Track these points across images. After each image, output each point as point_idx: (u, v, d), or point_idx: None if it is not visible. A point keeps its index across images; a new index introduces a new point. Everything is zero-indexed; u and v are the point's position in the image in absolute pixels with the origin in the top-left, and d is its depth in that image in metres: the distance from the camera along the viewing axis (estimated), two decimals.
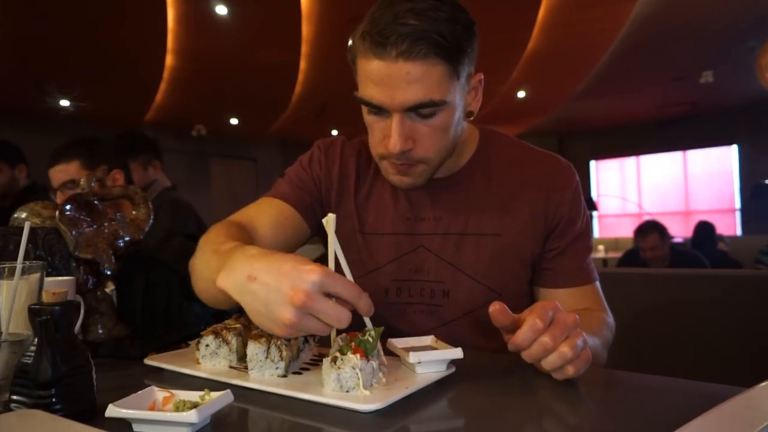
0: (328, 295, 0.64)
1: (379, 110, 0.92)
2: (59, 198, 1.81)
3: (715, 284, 1.78)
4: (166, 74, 6.62)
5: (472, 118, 1.02)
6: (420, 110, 0.89)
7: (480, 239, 1.03)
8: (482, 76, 0.99)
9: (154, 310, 1.10)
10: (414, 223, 1.06)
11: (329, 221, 0.73)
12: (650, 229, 3.60)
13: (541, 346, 0.70)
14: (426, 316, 1.04)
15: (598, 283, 1.07)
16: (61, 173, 1.83)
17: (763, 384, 0.55)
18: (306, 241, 1.10)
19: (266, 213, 1.05)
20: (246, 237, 0.95)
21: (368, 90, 0.90)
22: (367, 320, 0.73)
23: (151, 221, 1.09)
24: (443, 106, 0.90)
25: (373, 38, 0.86)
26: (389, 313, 1.05)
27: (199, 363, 0.81)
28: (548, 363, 0.70)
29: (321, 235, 0.97)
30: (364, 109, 0.96)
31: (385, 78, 0.87)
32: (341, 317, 0.64)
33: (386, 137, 0.92)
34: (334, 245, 0.73)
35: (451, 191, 1.06)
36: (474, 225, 1.03)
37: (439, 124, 0.92)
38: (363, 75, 0.91)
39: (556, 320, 0.72)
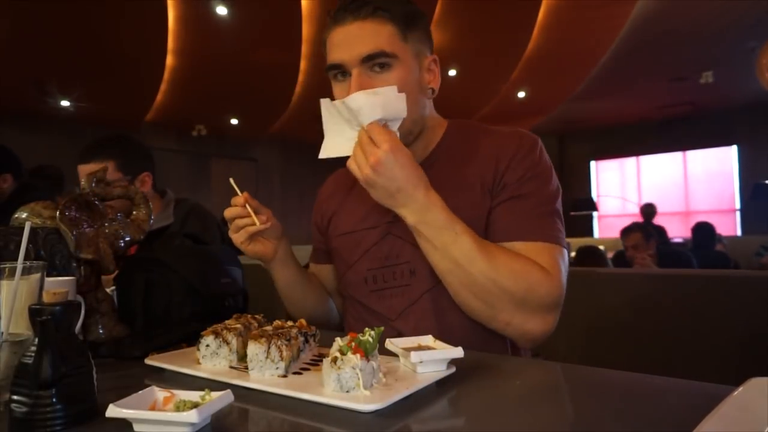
0: None
1: (342, 72, 1.03)
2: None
3: (714, 284, 1.78)
4: (166, 74, 6.62)
5: (434, 96, 1.12)
6: (375, 60, 1.00)
7: None
8: (436, 57, 1.10)
9: (154, 310, 1.09)
10: (383, 214, 1.10)
11: None
12: (634, 228, 3.78)
13: None
14: (398, 298, 1.09)
15: (563, 250, 1.02)
16: None
17: (749, 383, 0.55)
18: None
19: (320, 279, 1.33)
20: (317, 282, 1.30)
21: (331, 55, 1.04)
22: None
23: (151, 221, 1.09)
24: (396, 61, 1.01)
25: (336, 12, 1.03)
26: (370, 301, 1.13)
27: (199, 363, 0.81)
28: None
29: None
30: (333, 83, 1.06)
31: (343, 39, 1.02)
32: None
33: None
34: None
35: None
36: None
37: (395, 80, 1.00)
38: (329, 47, 1.04)
39: None
